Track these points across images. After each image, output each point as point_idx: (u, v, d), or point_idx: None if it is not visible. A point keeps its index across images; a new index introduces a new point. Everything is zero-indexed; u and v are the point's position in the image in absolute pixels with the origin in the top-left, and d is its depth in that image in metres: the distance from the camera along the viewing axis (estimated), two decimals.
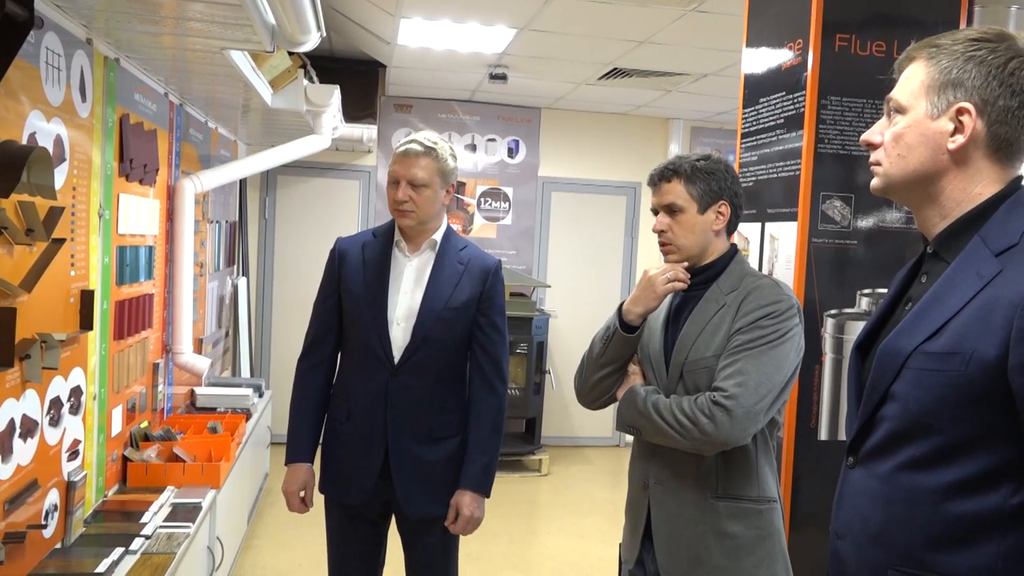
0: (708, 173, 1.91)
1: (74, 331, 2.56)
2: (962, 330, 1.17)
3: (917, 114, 1.26)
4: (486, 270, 2.37)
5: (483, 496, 2.36)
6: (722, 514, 1.86)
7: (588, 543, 4.69)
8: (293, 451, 2.42)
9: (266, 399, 4.97)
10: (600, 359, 1.99)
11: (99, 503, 2.94)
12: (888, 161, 1.29)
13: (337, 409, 2.42)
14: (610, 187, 6.78)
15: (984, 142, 1.23)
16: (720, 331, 1.86)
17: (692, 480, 1.88)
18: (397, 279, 2.35)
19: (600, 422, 6.87)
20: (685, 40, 4.32)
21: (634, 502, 2.04)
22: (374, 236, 2.43)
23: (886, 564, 1.23)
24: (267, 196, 6.28)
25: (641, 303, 1.92)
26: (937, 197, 1.27)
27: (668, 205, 1.93)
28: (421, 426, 2.34)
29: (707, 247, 1.94)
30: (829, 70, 2.33)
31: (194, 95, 3.88)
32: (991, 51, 1.21)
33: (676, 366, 1.91)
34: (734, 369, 1.79)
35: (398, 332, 2.32)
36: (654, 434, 1.88)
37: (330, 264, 2.46)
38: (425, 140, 2.31)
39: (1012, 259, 1.17)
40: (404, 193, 2.27)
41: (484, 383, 2.37)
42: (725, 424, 1.75)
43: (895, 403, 1.23)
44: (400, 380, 2.31)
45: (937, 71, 1.24)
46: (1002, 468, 1.15)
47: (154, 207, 3.50)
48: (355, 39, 5.08)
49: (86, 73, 2.62)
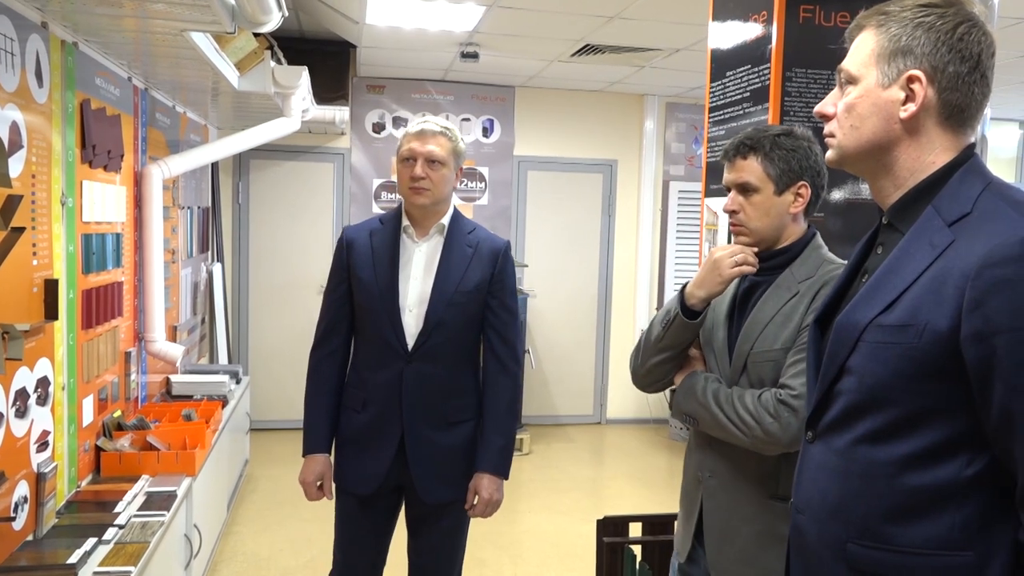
0: (790, 150, 1.75)
1: (38, 321, 2.52)
2: (916, 302, 1.16)
3: (868, 84, 1.24)
4: (496, 251, 2.36)
5: (502, 478, 2.36)
6: (780, 515, 1.72)
7: (568, 519, 4.72)
8: (310, 442, 2.41)
9: (244, 385, 4.94)
10: (659, 343, 1.85)
11: (72, 494, 2.91)
12: (841, 132, 1.28)
13: (352, 399, 2.41)
14: (586, 165, 6.76)
15: (936, 109, 1.21)
16: (791, 322, 1.72)
17: (751, 477, 1.78)
18: (407, 265, 2.34)
19: (580, 400, 6.90)
20: (654, 15, 4.29)
21: (687, 494, 1.95)
22: (381, 223, 2.41)
23: (845, 538, 1.23)
24: (240, 181, 6.21)
25: (705, 287, 1.78)
26: (891, 167, 1.26)
27: (742, 184, 1.77)
28: (437, 412, 2.33)
29: (782, 231, 1.78)
30: (793, 42, 2.32)
31: (159, 79, 3.82)
32: (939, 16, 1.20)
33: (740, 356, 1.78)
34: (804, 366, 1.63)
35: (410, 319, 2.31)
36: (712, 427, 1.77)
37: (338, 253, 2.42)
38: (439, 121, 2.33)
39: (964, 229, 1.16)
40: (422, 169, 2.25)
41: (498, 365, 2.37)
42: (791, 425, 1.64)
43: (851, 377, 1.23)
44: (414, 367, 2.30)
45: (887, 39, 1.22)
46: (957, 440, 1.15)
47: (120, 194, 3.45)
48: (324, 19, 5.02)
49: (42, 57, 2.57)
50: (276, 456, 5.61)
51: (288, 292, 6.29)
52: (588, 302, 6.86)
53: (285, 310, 6.28)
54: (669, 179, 6.85)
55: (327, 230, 6.33)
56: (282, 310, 6.29)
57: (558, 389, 6.86)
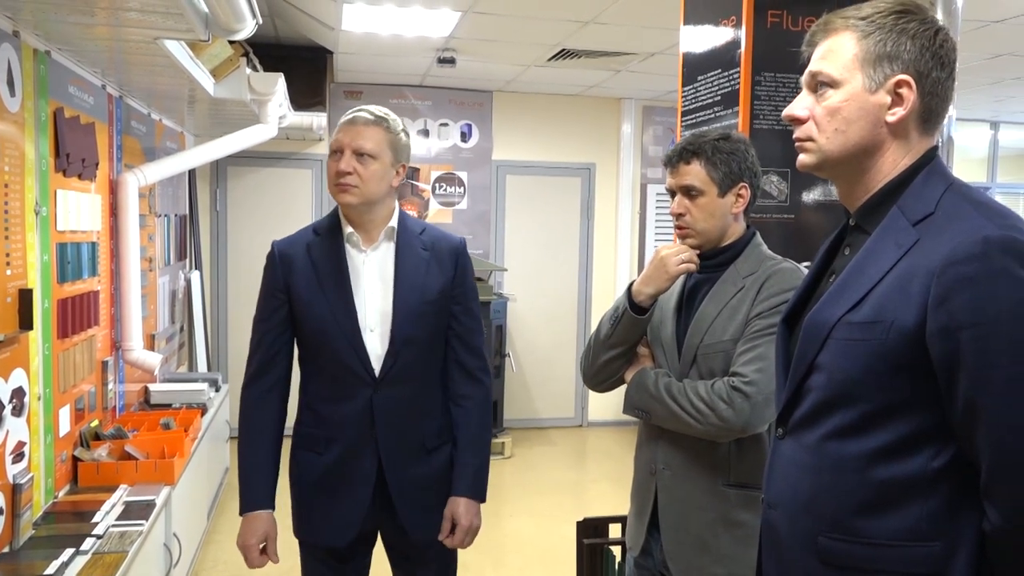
0: (729, 154, 1.83)
1: (13, 331, 2.51)
2: (882, 300, 1.19)
3: (854, 87, 1.25)
4: (454, 251, 2.12)
5: (479, 501, 2.13)
6: (733, 502, 1.81)
7: (550, 522, 4.73)
8: (249, 497, 2.06)
9: (223, 393, 4.92)
10: (608, 340, 1.91)
11: (49, 504, 2.89)
12: (824, 136, 1.27)
13: (308, 440, 2.09)
14: (565, 169, 6.79)
15: (917, 113, 1.24)
16: (738, 314, 1.80)
17: (704, 466, 1.83)
18: (358, 279, 2.05)
19: (562, 403, 6.92)
20: (629, 19, 4.33)
21: (640, 487, 1.97)
22: (316, 233, 2.10)
23: (816, 532, 1.25)
24: (218, 188, 6.18)
25: (652, 283, 1.85)
26: (870, 170, 1.27)
27: (687, 187, 1.84)
28: (414, 439, 2.08)
29: (725, 231, 1.86)
30: (762, 47, 2.35)
31: (134, 87, 3.80)
32: (920, 23, 1.23)
33: (690, 349, 1.85)
34: (754, 355, 1.74)
35: (373, 339, 2.03)
36: (666, 419, 1.82)
37: (270, 273, 2.11)
38: (375, 110, 2.05)
39: (929, 228, 1.20)
40: (348, 164, 1.97)
41: (466, 377, 2.14)
42: (744, 410, 1.71)
43: (821, 373, 1.25)
44: (384, 393, 2.03)
45: (871, 44, 1.24)
46: (923, 433, 1.18)
47: (95, 202, 3.43)
48: (300, 26, 5.01)
49: (14, 66, 2.55)
50: None
51: None
52: (568, 305, 6.89)
53: None
54: (647, 182, 6.89)
55: None
56: None
57: (539, 392, 6.87)
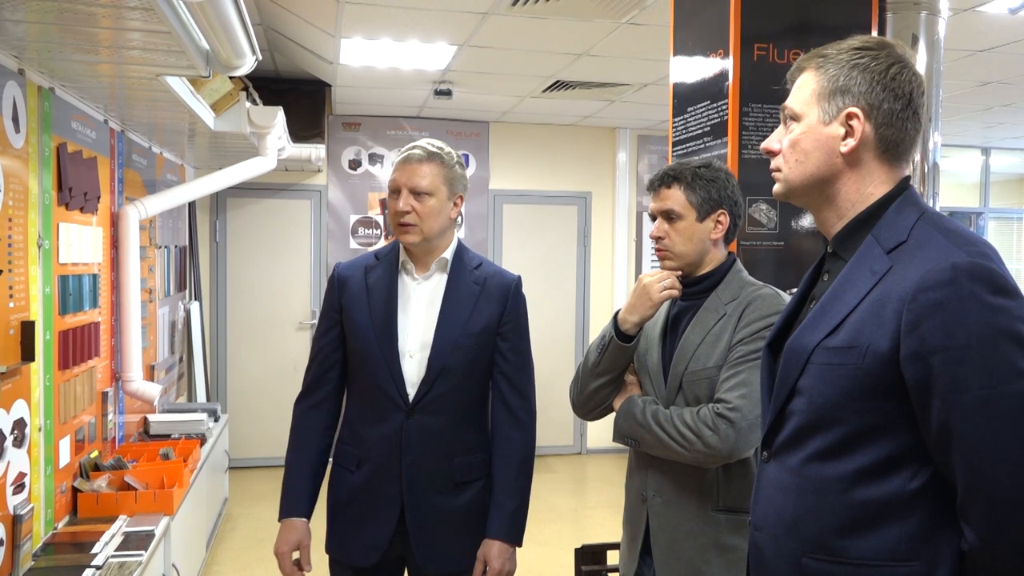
0: (709, 180, 1.88)
1: (15, 363, 2.54)
2: (858, 325, 1.23)
3: (811, 120, 1.33)
4: (505, 288, 2.13)
5: (514, 546, 2.09)
6: (723, 527, 1.84)
7: (550, 550, 4.73)
8: (287, 505, 2.12)
9: (222, 423, 4.94)
10: (596, 369, 1.94)
11: (49, 535, 2.90)
12: (788, 167, 1.36)
13: (345, 457, 2.13)
14: (561, 197, 6.86)
15: (873, 144, 1.30)
16: (721, 341, 1.83)
17: (693, 492, 1.85)
18: (406, 305, 2.09)
19: (561, 430, 6.92)
20: (622, 52, 4.41)
21: (632, 515, 1.99)
22: (377, 259, 2.16)
23: (800, 553, 1.28)
24: (217, 219, 6.24)
25: (637, 311, 1.88)
26: (834, 199, 1.34)
27: (666, 211, 1.90)
28: (442, 471, 2.07)
29: (704, 256, 1.91)
30: (749, 79, 2.41)
31: (135, 121, 3.87)
32: (873, 58, 1.29)
33: (675, 376, 1.88)
34: (737, 380, 1.77)
35: (411, 365, 2.05)
36: (654, 446, 1.85)
37: (330, 293, 2.16)
38: (429, 145, 2.07)
39: (901, 256, 1.24)
40: (406, 203, 2.01)
41: (509, 417, 2.14)
42: (729, 436, 1.73)
43: (801, 397, 1.29)
44: (416, 420, 2.05)
45: (826, 79, 1.31)
46: (900, 455, 1.22)
47: (97, 235, 3.48)
48: (299, 60, 5.10)
49: (19, 103, 2.61)
50: (255, 494, 5.58)
51: (266, 329, 6.29)
52: (566, 332, 6.92)
53: (263, 347, 6.28)
54: (642, 209, 6.95)
55: (304, 267, 6.37)
56: (260, 347, 6.29)
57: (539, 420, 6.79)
